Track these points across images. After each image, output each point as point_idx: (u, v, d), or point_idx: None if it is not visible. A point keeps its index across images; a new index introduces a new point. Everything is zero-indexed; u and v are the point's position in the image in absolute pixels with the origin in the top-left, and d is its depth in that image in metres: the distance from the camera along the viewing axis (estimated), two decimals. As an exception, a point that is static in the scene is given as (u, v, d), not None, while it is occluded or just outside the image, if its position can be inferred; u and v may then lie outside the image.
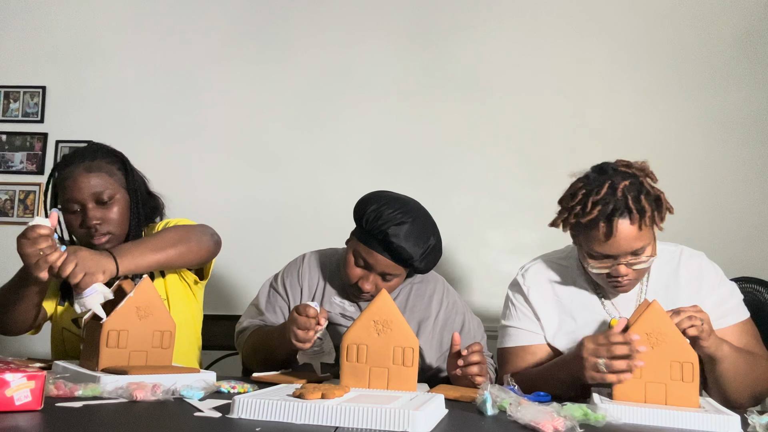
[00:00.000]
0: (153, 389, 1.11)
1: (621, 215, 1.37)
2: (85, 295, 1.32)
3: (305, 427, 0.95)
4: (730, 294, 1.53)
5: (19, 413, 0.94)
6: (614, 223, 1.37)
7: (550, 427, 0.98)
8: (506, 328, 1.62)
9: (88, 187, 1.59)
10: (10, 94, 3.06)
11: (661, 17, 2.82)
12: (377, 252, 1.59)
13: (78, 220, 1.60)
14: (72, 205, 1.60)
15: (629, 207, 1.37)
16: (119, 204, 1.63)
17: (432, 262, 1.66)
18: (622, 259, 1.41)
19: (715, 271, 1.56)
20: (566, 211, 1.46)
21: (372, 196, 1.66)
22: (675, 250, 1.59)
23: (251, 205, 2.90)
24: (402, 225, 1.56)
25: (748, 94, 2.73)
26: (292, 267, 1.81)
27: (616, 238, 1.38)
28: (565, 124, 2.81)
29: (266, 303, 1.76)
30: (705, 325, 1.30)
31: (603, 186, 1.40)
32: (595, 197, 1.39)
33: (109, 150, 1.71)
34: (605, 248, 1.40)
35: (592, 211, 1.38)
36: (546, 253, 1.71)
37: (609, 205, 1.38)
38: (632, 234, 1.38)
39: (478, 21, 2.91)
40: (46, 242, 1.32)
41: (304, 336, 1.39)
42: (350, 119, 2.92)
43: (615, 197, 1.38)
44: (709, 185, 2.68)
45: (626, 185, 1.39)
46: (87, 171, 1.60)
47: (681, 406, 1.19)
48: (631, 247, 1.39)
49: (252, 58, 2.99)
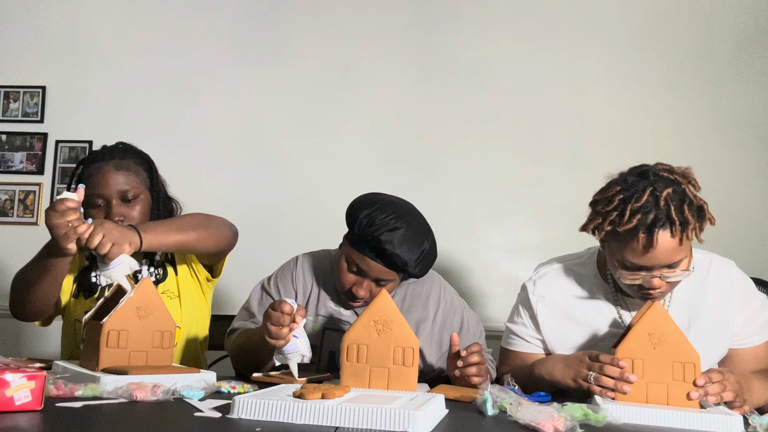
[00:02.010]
0: (153, 389, 1.10)
1: (662, 226, 1.26)
2: (112, 266, 1.35)
3: (305, 427, 0.94)
4: (761, 309, 1.45)
5: (19, 413, 0.94)
6: (654, 234, 1.26)
7: (551, 427, 0.98)
8: (509, 331, 1.62)
9: (116, 184, 1.64)
10: (10, 94, 3.06)
11: (661, 17, 2.82)
12: (370, 258, 1.54)
13: (101, 214, 1.64)
14: (97, 199, 1.64)
15: (672, 218, 1.26)
16: (142, 203, 1.69)
17: (426, 267, 1.62)
18: (656, 271, 1.32)
19: (747, 283, 1.48)
20: (600, 216, 1.35)
21: (364, 200, 1.61)
22: (704, 258, 1.50)
23: (251, 205, 2.90)
24: (395, 231, 1.51)
25: (748, 94, 2.73)
26: (285, 270, 1.76)
27: (656, 250, 1.28)
28: (565, 124, 2.81)
29: (258, 306, 1.72)
30: (738, 398, 1.23)
31: (644, 193, 1.29)
32: (635, 204, 1.28)
33: (138, 151, 1.77)
34: (642, 260, 1.31)
35: (631, 219, 1.27)
36: (562, 255, 1.64)
37: (650, 215, 1.27)
38: (672, 247, 1.28)
39: (478, 21, 2.90)
40: (74, 214, 1.35)
41: (277, 332, 1.34)
42: (350, 119, 2.91)
43: (657, 206, 1.27)
44: (709, 185, 2.65)
45: (669, 193, 1.28)
46: (116, 168, 1.66)
47: (682, 407, 1.19)
48: (669, 260, 1.30)
49: (252, 58, 2.99)
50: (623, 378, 1.22)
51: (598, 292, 1.53)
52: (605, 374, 1.24)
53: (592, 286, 1.53)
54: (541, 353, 1.56)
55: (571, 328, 1.52)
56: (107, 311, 1.31)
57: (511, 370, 1.53)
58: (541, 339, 1.56)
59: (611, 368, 1.24)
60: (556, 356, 1.46)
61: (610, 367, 1.24)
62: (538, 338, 1.57)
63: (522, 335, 1.58)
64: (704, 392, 1.19)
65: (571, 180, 2.72)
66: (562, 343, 1.51)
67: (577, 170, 2.73)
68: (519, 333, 1.58)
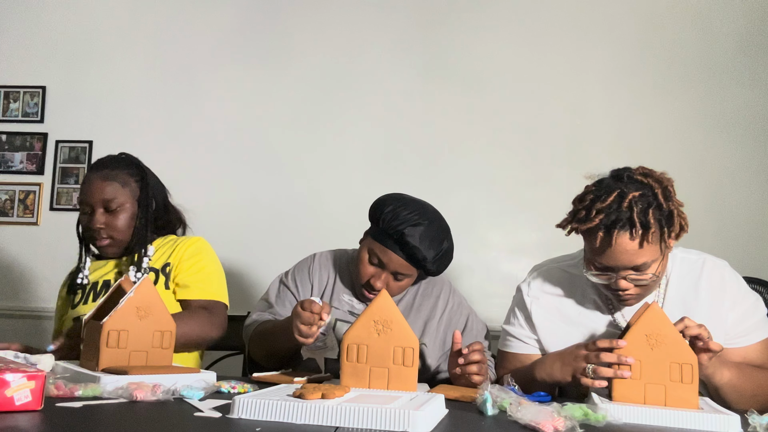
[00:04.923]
0: (153, 389, 1.10)
1: (622, 228, 1.30)
2: None
3: (305, 427, 0.94)
4: (753, 309, 1.46)
5: (19, 413, 0.94)
6: (613, 235, 1.30)
7: (551, 427, 0.98)
8: (506, 333, 1.63)
9: (100, 194, 1.72)
10: (10, 94, 3.06)
11: (661, 17, 2.82)
12: (392, 251, 1.62)
13: (87, 221, 1.74)
14: (84, 206, 1.76)
15: (632, 220, 1.29)
16: (126, 213, 1.75)
17: (443, 266, 1.69)
18: (622, 272, 1.35)
19: (738, 283, 1.49)
20: (571, 214, 1.41)
21: (389, 198, 1.70)
22: (697, 259, 1.50)
23: (252, 205, 2.90)
24: (418, 226, 1.60)
25: (748, 94, 2.73)
26: (303, 264, 1.84)
27: (613, 250, 1.32)
28: (565, 124, 2.81)
29: (276, 297, 1.79)
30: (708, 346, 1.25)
31: (611, 194, 1.33)
32: (600, 205, 1.32)
33: (133, 162, 1.83)
34: (603, 259, 1.35)
35: (594, 218, 1.32)
36: (556, 257, 1.67)
37: (611, 216, 1.31)
38: (632, 249, 1.31)
39: (478, 21, 2.90)
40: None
41: (307, 331, 1.41)
42: (351, 119, 2.91)
43: (620, 208, 1.31)
44: (709, 185, 2.67)
45: (635, 196, 1.31)
46: (102, 179, 1.74)
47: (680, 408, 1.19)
48: (631, 261, 1.33)
49: (252, 59, 2.99)
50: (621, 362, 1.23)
51: (592, 292, 1.54)
52: (602, 362, 1.26)
53: (586, 286, 1.54)
54: (537, 354, 1.57)
55: (566, 328, 1.53)
56: (107, 311, 1.32)
57: (509, 372, 1.53)
58: (537, 339, 1.57)
59: (607, 355, 1.26)
60: (551, 356, 1.46)
61: (606, 354, 1.26)
62: (534, 339, 1.57)
63: (518, 336, 1.59)
64: (683, 325, 1.24)
65: (571, 180, 2.70)
66: (558, 344, 1.52)
67: (577, 170, 2.71)
68: (515, 334, 1.60)
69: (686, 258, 1.50)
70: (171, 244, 1.81)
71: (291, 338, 1.44)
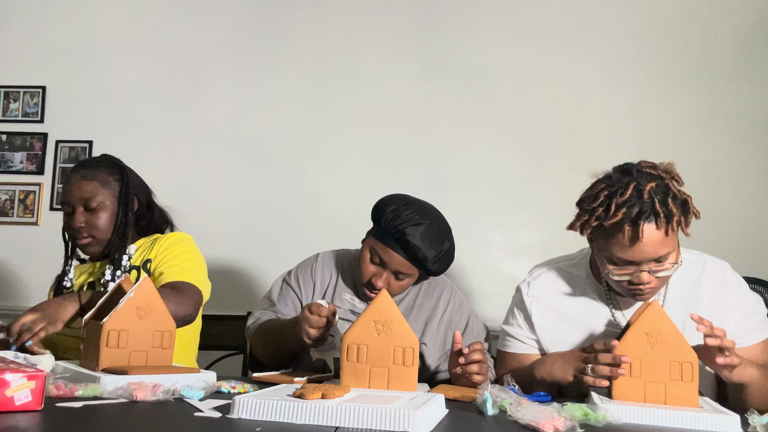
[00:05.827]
0: (153, 389, 1.10)
1: (647, 219, 1.29)
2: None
3: (305, 427, 0.94)
4: (754, 310, 1.46)
5: (19, 413, 0.94)
6: (640, 226, 1.29)
7: (551, 427, 0.98)
8: (505, 333, 1.63)
9: (79, 192, 1.74)
10: (10, 94, 3.06)
11: (661, 17, 2.82)
12: (393, 250, 1.63)
13: (68, 221, 1.76)
14: (65, 206, 1.76)
15: (656, 210, 1.29)
16: (106, 212, 1.76)
17: (444, 266, 1.70)
18: (645, 266, 1.34)
19: (739, 284, 1.49)
20: (587, 213, 1.37)
21: (391, 198, 1.71)
22: (698, 260, 1.51)
23: (252, 205, 2.90)
24: (419, 226, 1.61)
25: (748, 94, 2.73)
26: (305, 264, 1.85)
27: (642, 243, 1.30)
28: (565, 124, 2.81)
29: (279, 296, 1.80)
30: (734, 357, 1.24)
31: (628, 187, 1.32)
32: (620, 199, 1.31)
33: (113, 162, 1.83)
34: (628, 254, 1.33)
35: (616, 213, 1.30)
36: (556, 257, 1.67)
37: (634, 208, 1.30)
38: (658, 239, 1.30)
39: (479, 22, 2.90)
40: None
41: (316, 335, 1.42)
42: (351, 120, 2.91)
43: (641, 199, 1.30)
44: (709, 185, 2.67)
45: (653, 187, 1.31)
46: (82, 178, 1.75)
47: (680, 406, 1.19)
48: (656, 253, 1.32)
49: (253, 58, 2.99)
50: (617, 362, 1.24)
51: (592, 292, 1.54)
52: (600, 362, 1.27)
53: (586, 286, 1.55)
54: (537, 354, 1.57)
55: (565, 328, 1.53)
56: (107, 311, 1.32)
57: (508, 372, 1.53)
58: (536, 339, 1.57)
59: (604, 355, 1.27)
60: (552, 355, 1.46)
61: (603, 354, 1.27)
62: (533, 339, 1.57)
63: (518, 336, 1.59)
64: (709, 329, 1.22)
65: (571, 180, 2.68)
66: (557, 344, 1.52)
67: (577, 170, 2.70)
68: (514, 334, 1.60)
69: (687, 258, 1.49)
70: (153, 241, 1.81)
71: (296, 339, 1.46)
